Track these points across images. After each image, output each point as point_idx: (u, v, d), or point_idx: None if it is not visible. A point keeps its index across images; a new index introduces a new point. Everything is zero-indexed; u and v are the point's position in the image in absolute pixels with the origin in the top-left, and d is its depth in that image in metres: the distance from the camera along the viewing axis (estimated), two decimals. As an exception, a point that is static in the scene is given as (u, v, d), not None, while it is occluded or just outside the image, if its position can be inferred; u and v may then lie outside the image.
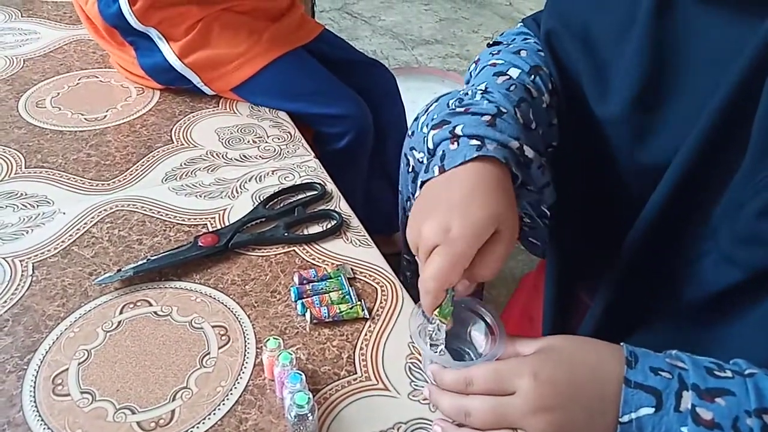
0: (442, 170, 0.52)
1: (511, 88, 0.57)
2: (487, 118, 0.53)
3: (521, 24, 0.68)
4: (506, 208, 0.49)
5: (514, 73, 0.59)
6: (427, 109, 0.76)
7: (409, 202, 0.82)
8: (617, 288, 0.58)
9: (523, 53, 0.62)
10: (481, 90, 0.57)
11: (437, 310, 0.50)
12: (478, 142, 0.51)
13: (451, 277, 0.47)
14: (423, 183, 0.54)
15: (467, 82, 0.67)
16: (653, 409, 0.41)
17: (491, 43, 0.69)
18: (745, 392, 0.41)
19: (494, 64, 0.61)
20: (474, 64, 0.67)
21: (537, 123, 0.58)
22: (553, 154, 0.64)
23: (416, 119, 0.77)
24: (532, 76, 0.60)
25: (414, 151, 0.76)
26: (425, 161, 0.56)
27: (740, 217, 0.46)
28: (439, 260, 0.47)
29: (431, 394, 0.49)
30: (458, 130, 0.53)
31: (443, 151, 0.53)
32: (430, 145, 0.55)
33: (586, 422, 0.43)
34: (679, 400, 0.41)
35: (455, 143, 0.52)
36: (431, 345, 0.52)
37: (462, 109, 0.55)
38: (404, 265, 0.91)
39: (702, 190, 0.49)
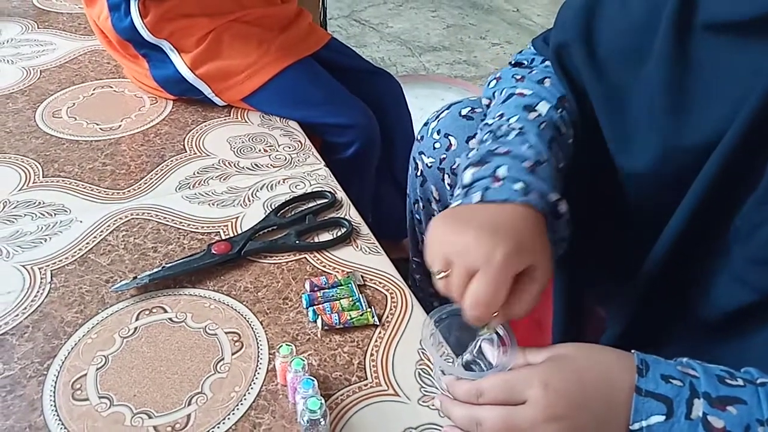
0: (483, 199, 0.51)
1: (542, 126, 0.57)
2: (528, 164, 0.53)
3: (531, 46, 0.68)
4: (543, 248, 0.50)
5: (543, 108, 0.59)
6: (438, 115, 0.77)
7: (416, 206, 0.83)
8: (633, 308, 0.58)
9: (547, 82, 0.62)
10: (516, 130, 0.57)
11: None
12: (523, 186, 0.51)
13: (500, 300, 0.47)
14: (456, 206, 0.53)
15: (488, 98, 0.67)
16: (664, 417, 0.41)
17: (513, 62, 0.68)
18: (756, 401, 0.41)
19: (522, 95, 0.61)
20: (495, 81, 0.66)
21: (564, 162, 0.58)
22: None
23: (426, 124, 0.78)
24: (560, 110, 0.60)
25: (423, 155, 0.77)
26: (458, 193, 0.55)
27: (753, 239, 0.46)
28: (488, 283, 0.46)
29: (443, 405, 0.50)
30: (500, 173, 0.53)
31: (486, 186, 0.53)
32: (466, 181, 0.55)
33: (597, 430, 0.43)
34: (690, 408, 0.41)
35: (498, 183, 0.52)
36: (443, 355, 0.52)
37: (503, 151, 0.55)
38: (413, 269, 0.91)
39: (719, 213, 0.49)
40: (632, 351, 0.46)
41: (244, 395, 0.55)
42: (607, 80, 0.57)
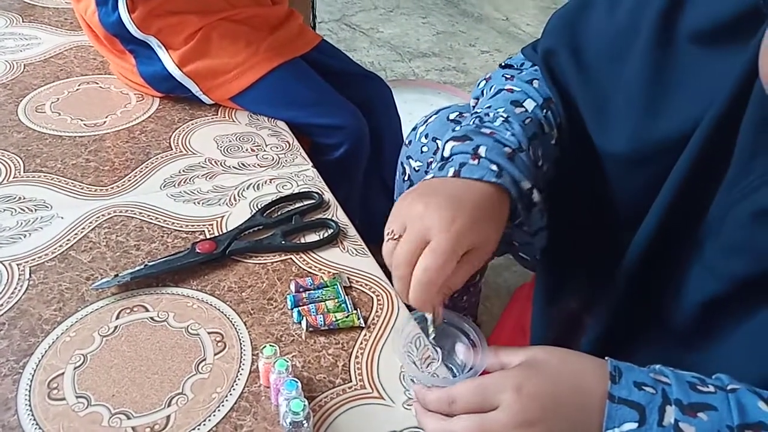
0: (457, 175, 0.53)
1: (527, 121, 0.59)
2: (508, 150, 0.55)
3: (521, 53, 0.70)
4: (496, 232, 0.52)
5: (529, 105, 0.61)
6: (426, 120, 0.77)
7: None
8: (612, 310, 0.58)
9: (536, 83, 0.64)
10: (502, 117, 0.58)
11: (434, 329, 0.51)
12: (498, 170, 0.53)
13: (446, 272, 0.48)
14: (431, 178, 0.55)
15: (476, 98, 0.68)
16: (636, 424, 0.42)
17: (503, 64, 0.70)
18: (727, 407, 0.41)
19: (511, 90, 0.63)
20: (485, 82, 0.68)
21: (544, 161, 0.60)
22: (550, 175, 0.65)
23: (414, 129, 0.78)
24: (545, 111, 0.61)
25: (411, 159, 0.77)
26: (435, 166, 0.57)
27: (724, 225, 0.47)
28: (440, 253, 0.47)
29: (417, 415, 0.50)
30: (481, 151, 0.54)
31: (462, 162, 0.54)
32: (446, 154, 0.56)
33: None
34: (663, 414, 0.42)
35: (476, 160, 0.54)
36: (414, 362, 0.53)
37: (487, 132, 0.56)
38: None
39: (693, 208, 0.51)
40: (606, 358, 0.46)
41: (226, 396, 0.54)
42: (591, 81, 0.58)
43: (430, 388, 0.48)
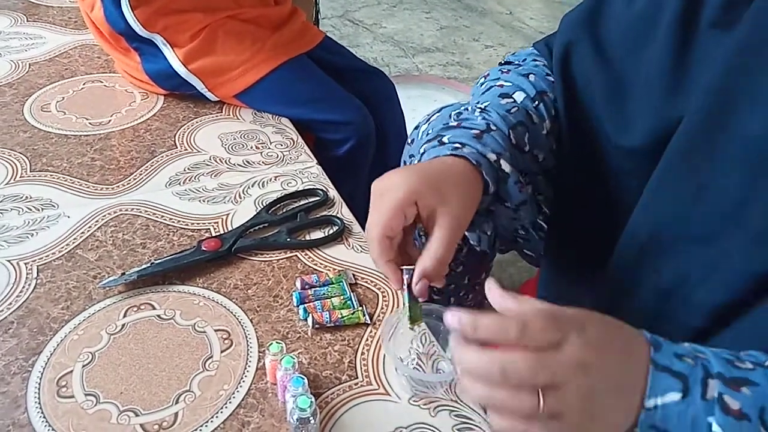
0: (420, 160, 0.56)
1: (512, 110, 0.59)
2: (475, 132, 0.56)
3: (533, 47, 0.70)
4: (456, 197, 0.53)
5: (518, 96, 0.62)
6: (429, 118, 0.77)
7: None
8: (619, 305, 0.58)
9: (532, 77, 0.64)
10: (480, 108, 0.60)
11: (407, 316, 0.53)
12: (459, 146, 0.55)
13: (392, 224, 0.51)
14: None
15: (472, 94, 0.69)
16: (680, 395, 0.40)
17: (503, 62, 0.70)
18: None
19: (501, 85, 0.63)
20: (483, 79, 0.68)
21: (533, 147, 0.61)
22: (552, 172, 0.65)
23: (417, 127, 0.78)
24: (536, 102, 0.62)
25: (413, 159, 0.77)
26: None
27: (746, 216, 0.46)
28: (388, 206, 0.51)
29: (455, 351, 0.42)
30: (445, 140, 0.57)
31: (426, 151, 0.57)
32: (418, 154, 0.59)
33: (615, 394, 0.40)
34: (705, 387, 0.40)
35: (441, 146, 0.57)
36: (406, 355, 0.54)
37: (455, 124, 0.58)
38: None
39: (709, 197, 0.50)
40: (642, 330, 0.44)
41: (233, 393, 0.54)
42: (611, 69, 0.58)
43: (484, 315, 0.41)
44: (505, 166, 0.56)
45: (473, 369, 0.40)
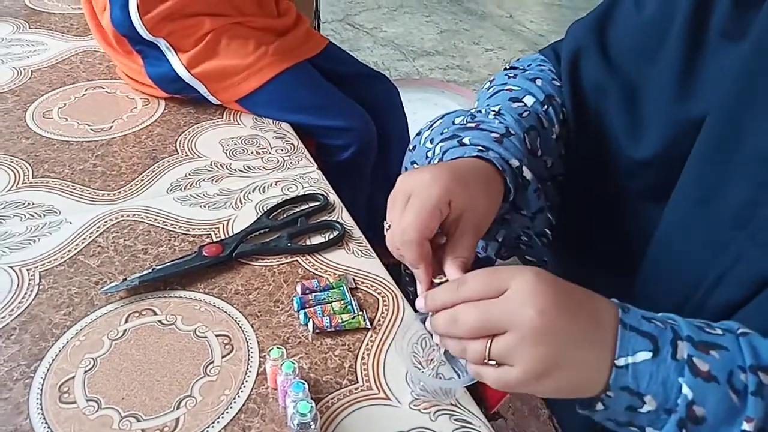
0: (442, 160, 0.54)
1: (524, 114, 0.59)
2: (495, 135, 0.55)
3: (539, 53, 0.70)
4: (486, 199, 0.51)
5: (528, 101, 0.61)
6: (431, 125, 0.77)
7: None
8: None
9: (539, 82, 0.63)
10: (494, 111, 0.59)
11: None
12: (483, 149, 0.53)
13: (424, 226, 0.48)
14: None
15: (479, 100, 0.68)
16: (651, 354, 0.39)
17: (508, 66, 0.70)
18: (737, 349, 0.40)
19: (510, 89, 0.63)
20: (489, 83, 0.68)
21: (543, 152, 0.60)
22: (560, 180, 0.65)
23: (419, 134, 0.78)
24: (545, 107, 0.61)
25: (415, 165, 0.77)
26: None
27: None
28: (418, 206, 0.48)
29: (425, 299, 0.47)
30: (466, 140, 0.55)
31: (448, 150, 0.55)
32: (438, 152, 0.57)
33: (581, 345, 0.40)
34: (675, 348, 0.39)
35: (462, 147, 0.55)
36: (420, 362, 0.53)
37: (473, 125, 0.57)
38: (405, 272, 0.91)
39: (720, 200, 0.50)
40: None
41: (234, 398, 0.54)
42: (621, 77, 0.58)
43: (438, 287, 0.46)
44: (527, 173, 0.54)
45: (436, 327, 0.45)
